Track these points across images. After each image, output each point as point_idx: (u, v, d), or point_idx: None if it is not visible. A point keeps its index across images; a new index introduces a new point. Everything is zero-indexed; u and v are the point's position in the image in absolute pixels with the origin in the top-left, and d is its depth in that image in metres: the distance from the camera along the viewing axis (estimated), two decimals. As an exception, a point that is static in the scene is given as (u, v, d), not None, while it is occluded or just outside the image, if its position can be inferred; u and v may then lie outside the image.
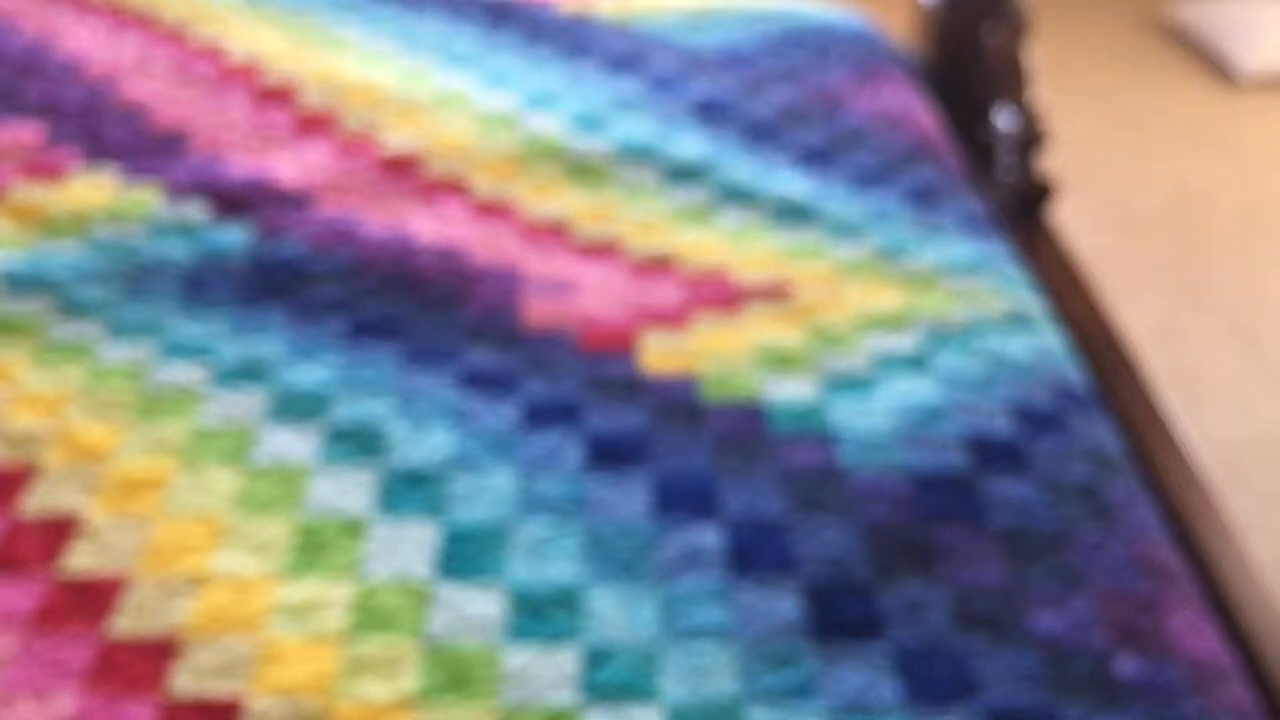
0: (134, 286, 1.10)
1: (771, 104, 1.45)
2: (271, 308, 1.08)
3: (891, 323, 1.11)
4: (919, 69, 1.65)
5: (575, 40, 1.56)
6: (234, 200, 1.21)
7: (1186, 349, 2.20)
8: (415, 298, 1.10)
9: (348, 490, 0.91)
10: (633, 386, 1.02)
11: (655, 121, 1.39)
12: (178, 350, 1.03)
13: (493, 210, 1.23)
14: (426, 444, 0.95)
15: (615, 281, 1.15)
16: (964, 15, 1.59)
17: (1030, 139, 1.43)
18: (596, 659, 0.80)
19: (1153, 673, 0.81)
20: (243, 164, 1.27)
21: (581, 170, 1.30)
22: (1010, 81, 1.48)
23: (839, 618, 0.83)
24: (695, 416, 0.99)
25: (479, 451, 0.95)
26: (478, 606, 0.83)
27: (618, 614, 0.83)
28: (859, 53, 1.58)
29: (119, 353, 1.02)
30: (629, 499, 0.91)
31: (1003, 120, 1.46)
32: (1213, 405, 2.09)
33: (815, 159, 1.36)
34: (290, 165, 1.27)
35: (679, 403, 1.00)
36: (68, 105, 1.35)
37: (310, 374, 1.01)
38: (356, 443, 0.95)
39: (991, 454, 0.97)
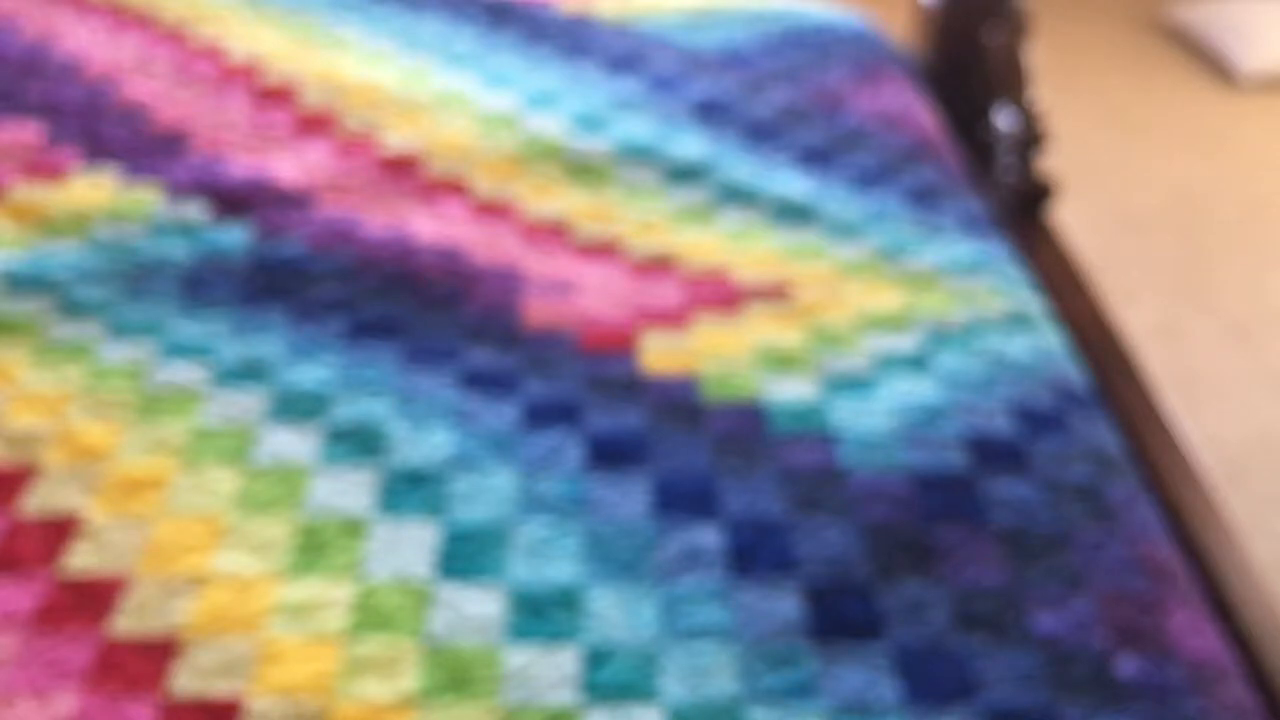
0: (134, 286, 1.10)
1: (771, 104, 1.45)
2: (271, 308, 1.08)
3: (891, 323, 1.11)
4: (919, 69, 1.64)
5: (575, 40, 1.56)
6: (234, 200, 1.21)
7: (1186, 349, 2.20)
8: (415, 298, 1.10)
9: (348, 490, 0.91)
10: (633, 386, 1.02)
11: (655, 121, 1.39)
12: (178, 350, 1.03)
13: (493, 210, 1.23)
14: (426, 444, 0.95)
15: (615, 281, 1.14)
16: (964, 15, 1.59)
17: (1030, 139, 1.43)
18: (596, 659, 0.80)
19: (1153, 673, 0.81)
20: (243, 164, 1.27)
21: (581, 170, 1.30)
22: (1010, 81, 1.48)
23: (839, 618, 0.83)
24: (695, 416, 0.99)
25: (479, 451, 0.94)
26: (478, 606, 0.83)
27: (618, 614, 0.83)
28: (859, 53, 1.58)
29: (119, 353, 1.02)
30: (629, 499, 0.91)
31: (1003, 120, 1.45)
32: (1213, 405, 2.08)
33: (815, 159, 1.36)
34: (290, 165, 1.27)
35: (679, 403, 1.00)
36: (68, 105, 1.35)
37: (310, 374, 1.01)
38: (356, 443, 0.95)
39: (991, 454, 0.97)
